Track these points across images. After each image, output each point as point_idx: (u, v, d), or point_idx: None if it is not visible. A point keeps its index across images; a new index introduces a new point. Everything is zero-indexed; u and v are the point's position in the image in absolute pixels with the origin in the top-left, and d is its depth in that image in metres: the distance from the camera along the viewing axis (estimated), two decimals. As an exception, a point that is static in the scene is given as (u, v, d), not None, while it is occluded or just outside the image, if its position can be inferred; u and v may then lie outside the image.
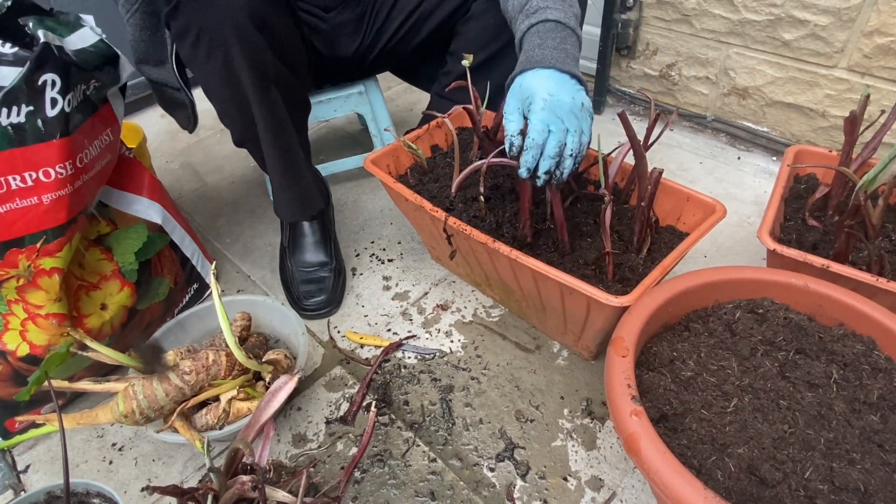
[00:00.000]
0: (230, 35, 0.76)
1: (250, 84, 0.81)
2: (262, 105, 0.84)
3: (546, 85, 0.72)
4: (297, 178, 0.95)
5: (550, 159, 0.71)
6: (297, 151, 0.92)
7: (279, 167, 0.93)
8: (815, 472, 0.55)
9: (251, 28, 0.76)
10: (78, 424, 0.72)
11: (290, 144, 0.91)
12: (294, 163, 0.93)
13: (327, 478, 0.77)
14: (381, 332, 0.98)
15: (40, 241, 0.74)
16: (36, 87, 0.69)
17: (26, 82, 0.68)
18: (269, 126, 0.87)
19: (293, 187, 0.96)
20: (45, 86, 0.70)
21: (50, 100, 0.71)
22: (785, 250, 0.75)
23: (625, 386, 0.58)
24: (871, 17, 1.06)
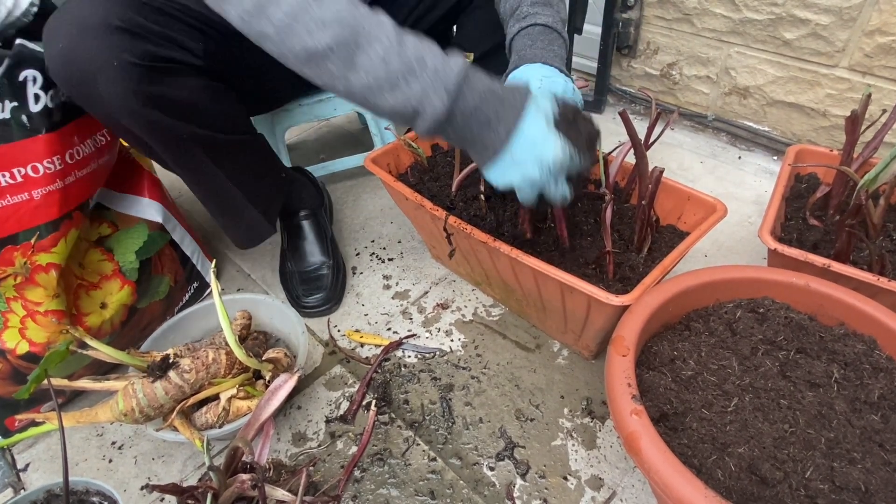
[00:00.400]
0: (126, 121, 0.72)
1: (163, 152, 0.79)
2: (183, 167, 0.82)
3: (539, 72, 0.74)
4: (236, 217, 0.93)
5: None
6: (231, 194, 0.88)
7: (214, 210, 0.92)
8: (815, 472, 0.55)
9: (142, 109, 0.71)
10: (77, 423, 0.72)
11: (221, 190, 0.88)
12: (228, 205, 0.90)
13: (327, 476, 0.77)
14: (382, 330, 0.98)
15: (34, 237, 0.74)
16: (17, 83, 0.70)
17: (7, 78, 0.69)
18: (194, 182, 0.86)
19: (233, 225, 0.95)
20: (27, 82, 0.71)
21: (33, 95, 0.71)
22: (786, 250, 0.75)
23: (625, 385, 0.58)
24: (872, 17, 1.05)
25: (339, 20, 0.59)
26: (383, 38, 0.60)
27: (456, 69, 0.61)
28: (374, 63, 0.60)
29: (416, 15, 1.02)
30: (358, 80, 0.61)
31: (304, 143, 1.57)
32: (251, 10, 0.60)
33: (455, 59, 0.62)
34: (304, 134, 1.61)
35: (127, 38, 0.68)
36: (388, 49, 0.60)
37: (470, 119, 0.63)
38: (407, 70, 0.60)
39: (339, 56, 0.60)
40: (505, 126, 0.63)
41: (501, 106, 0.63)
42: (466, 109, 0.62)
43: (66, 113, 0.76)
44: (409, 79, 0.60)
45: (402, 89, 0.60)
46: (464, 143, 0.66)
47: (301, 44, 0.60)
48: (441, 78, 0.60)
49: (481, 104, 0.62)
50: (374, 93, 0.61)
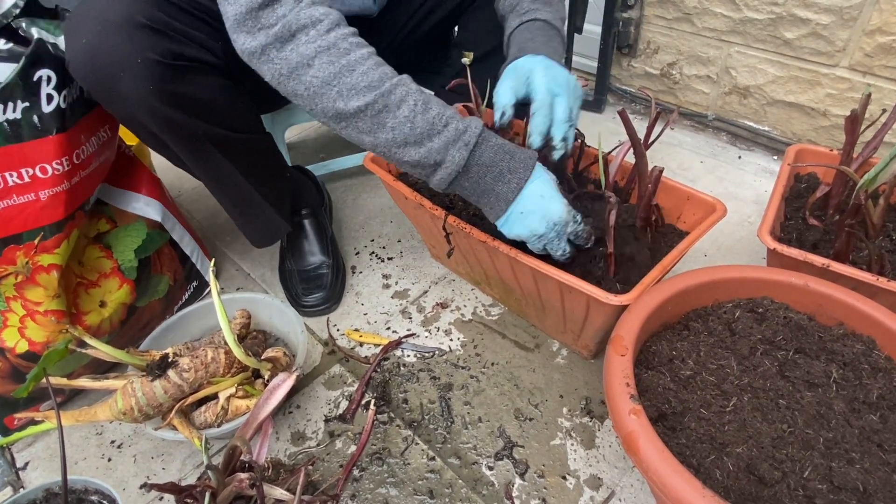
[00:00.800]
0: (145, 119, 0.72)
1: (181, 150, 0.80)
2: (198, 164, 0.83)
3: (542, 62, 0.77)
4: (252, 214, 0.94)
5: (564, 124, 0.75)
6: (247, 190, 0.90)
7: (232, 209, 0.93)
8: (814, 472, 0.55)
9: (163, 107, 0.71)
10: (77, 422, 0.72)
11: (237, 188, 0.89)
12: (246, 202, 0.92)
13: (326, 476, 0.77)
14: (381, 330, 0.98)
15: (38, 238, 0.74)
16: (31, 83, 0.69)
17: (22, 78, 0.68)
18: (210, 178, 0.87)
19: (250, 223, 0.96)
20: (41, 81, 0.70)
21: (46, 95, 0.71)
22: (785, 249, 0.75)
23: (624, 385, 0.58)
24: (872, 16, 1.05)
25: (370, 87, 0.65)
26: (410, 101, 0.66)
27: (475, 128, 0.68)
28: (401, 123, 0.66)
29: (420, 15, 1.02)
30: (385, 136, 0.67)
31: (304, 142, 1.57)
32: (286, 73, 0.65)
33: (474, 120, 0.69)
34: (304, 133, 1.61)
35: (151, 36, 0.68)
36: (414, 111, 0.66)
37: (485, 172, 0.69)
38: (431, 128, 0.67)
39: (368, 117, 0.66)
40: (516, 179, 0.70)
41: (513, 161, 0.70)
42: (482, 163, 0.69)
43: (76, 112, 0.76)
44: (433, 136, 0.67)
45: (426, 144, 0.67)
46: (478, 194, 0.71)
47: (332, 106, 0.66)
48: (461, 135, 0.67)
49: (496, 158, 0.69)
50: (399, 147, 0.68)
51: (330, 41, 0.65)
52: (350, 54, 0.65)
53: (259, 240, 0.99)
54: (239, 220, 0.96)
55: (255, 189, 0.90)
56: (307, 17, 0.64)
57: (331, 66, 0.64)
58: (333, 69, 0.64)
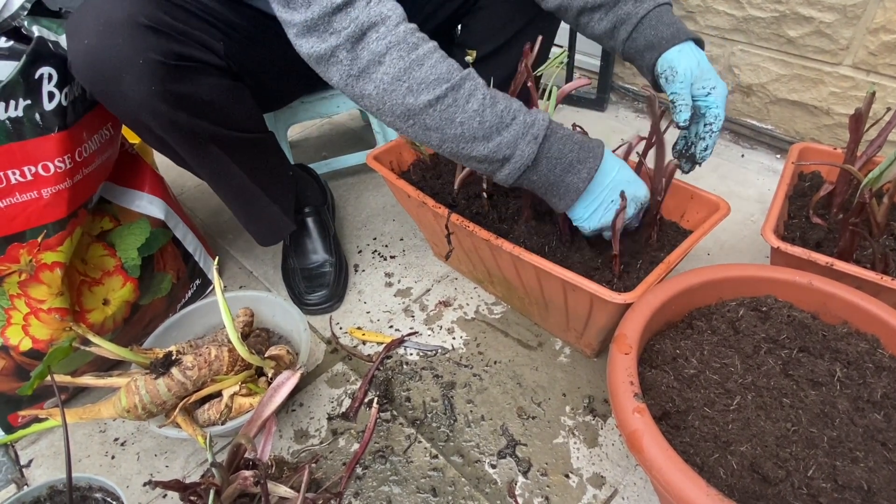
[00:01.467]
0: (148, 119, 0.72)
1: (183, 150, 0.80)
2: (201, 164, 0.83)
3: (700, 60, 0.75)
4: (257, 213, 0.94)
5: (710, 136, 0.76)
6: (251, 189, 0.90)
7: (236, 209, 0.93)
8: (818, 471, 0.55)
9: (165, 108, 0.71)
10: (80, 419, 0.72)
11: (241, 187, 0.89)
12: (250, 201, 0.92)
13: (329, 473, 0.77)
14: (384, 328, 0.98)
15: (41, 236, 0.74)
16: (33, 81, 0.69)
17: (23, 76, 0.68)
18: (214, 178, 0.87)
19: (255, 222, 0.96)
20: (42, 79, 0.70)
21: (47, 93, 0.71)
22: (789, 248, 0.75)
23: (627, 383, 0.58)
24: (876, 14, 1.05)
25: (439, 80, 0.64)
26: (478, 95, 0.66)
27: (542, 120, 0.68)
28: (470, 117, 0.65)
29: (423, 16, 1.02)
30: (453, 132, 0.66)
31: (306, 140, 1.57)
32: (356, 73, 0.65)
33: (541, 113, 0.68)
34: (306, 131, 1.61)
35: (153, 36, 0.68)
36: (483, 104, 0.66)
37: (555, 164, 0.69)
38: (500, 122, 0.66)
39: (437, 112, 0.65)
40: (587, 169, 0.70)
41: (582, 151, 0.70)
42: (551, 155, 0.68)
43: (77, 110, 0.76)
44: (502, 130, 0.66)
45: (495, 139, 0.66)
46: (546, 187, 0.71)
47: (402, 102, 0.65)
48: (529, 128, 0.67)
49: (564, 150, 0.69)
50: (467, 143, 0.67)
51: (399, 36, 0.64)
52: (419, 48, 0.64)
53: (264, 238, 0.99)
54: (243, 219, 0.96)
55: (259, 188, 0.91)
56: (377, 13, 0.63)
57: (401, 62, 0.63)
58: (403, 64, 0.63)
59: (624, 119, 1.48)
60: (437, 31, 1.06)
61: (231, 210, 0.94)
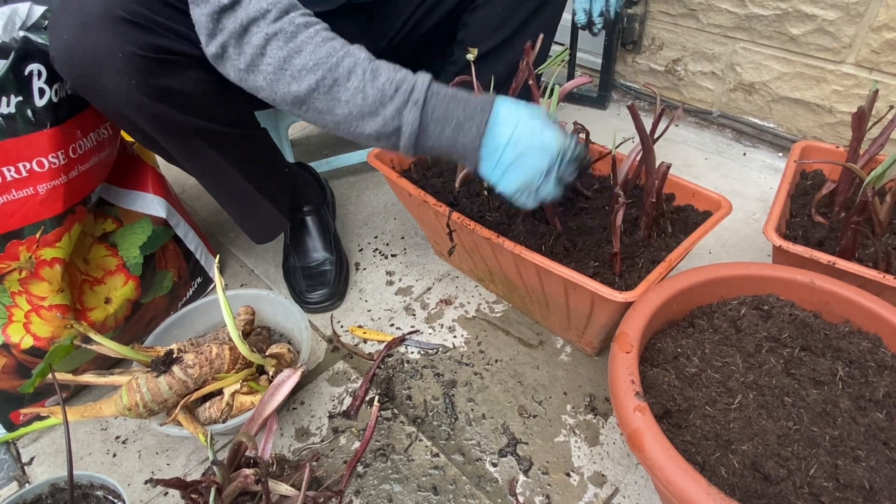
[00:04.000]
0: (131, 113, 0.72)
1: (169, 145, 0.79)
2: (189, 159, 0.83)
3: None
4: (249, 210, 0.94)
5: None
6: (242, 185, 0.89)
7: (227, 205, 0.93)
8: (819, 470, 0.55)
9: (147, 101, 0.71)
10: (82, 417, 0.72)
11: (231, 183, 0.88)
12: (242, 197, 0.91)
13: (330, 472, 0.77)
14: (385, 326, 0.98)
15: (39, 232, 0.74)
16: (23, 78, 0.70)
17: (13, 72, 0.69)
18: (203, 174, 0.86)
19: (248, 219, 0.95)
20: (32, 76, 0.71)
21: (38, 90, 0.71)
22: (791, 247, 0.75)
23: (629, 382, 0.58)
24: (879, 12, 1.05)
25: (318, 64, 0.65)
26: (358, 72, 0.66)
27: (421, 83, 0.66)
28: (353, 95, 0.65)
29: (421, 12, 1.01)
30: (342, 112, 0.66)
31: (307, 138, 1.57)
32: (244, 67, 0.67)
33: (421, 76, 0.67)
34: (307, 129, 1.61)
35: (131, 30, 0.68)
36: (363, 80, 0.65)
37: (443, 126, 0.67)
38: (382, 95, 0.66)
39: (322, 95, 0.66)
40: (475, 125, 0.67)
41: (468, 107, 0.67)
42: (437, 118, 0.67)
43: (69, 107, 0.76)
44: (386, 102, 0.66)
45: (381, 112, 0.66)
46: (447, 151, 0.69)
47: (289, 91, 0.66)
48: (409, 94, 0.66)
49: (449, 109, 0.67)
50: (357, 121, 0.67)
51: (277, 27, 0.65)
52: (298, 36, 0.65)
53: (258, 236, 0.99)
54: (235, 216, 0.95)
55: (251, 184, 0.90)
56: (257, 9, 0.65)
57: (280, 52, 0.65)
58: (283, 53, 0.65)
59: (626, 117, 1.47)
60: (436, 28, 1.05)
61: (222, 206, 0.94)
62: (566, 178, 0.70)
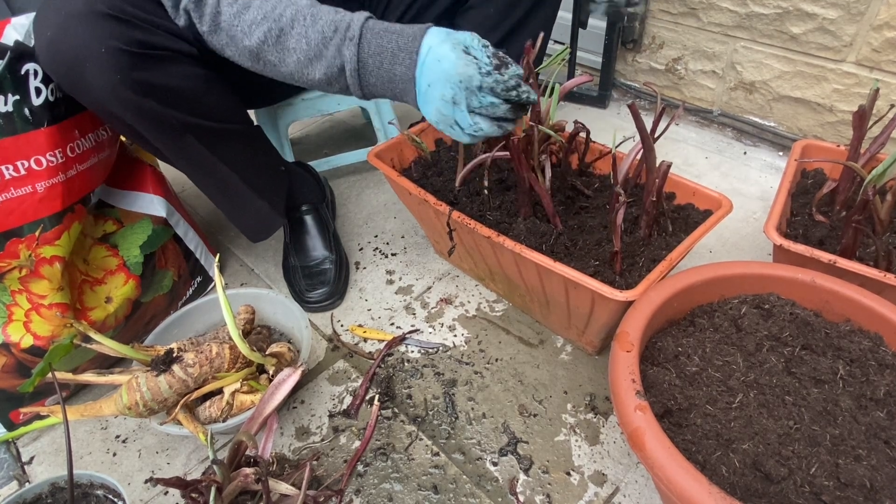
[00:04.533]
0: (116, 109, 0.72)
1: (158, 141, 0.79)
2: (178, 155, 0.82)
3: None
4: (241, 207, 0.93)
5: None
6: (233, 182, 0.89)
7: (219, 202, 0.93)
8: (820, 469, 0.55)
9: (132, 96, 0.71)
10: (82, 416, 0.72)
11: (222, 179, 0.88)
12: (233, 194, 0.91)
13: (330, 471, 0.77)
14: (385, 326, 0.98)
15: (38, 230, 0.75)
16: (19, 76, 0.70)
17: (9, 71, 0.69)
18: (193, 170, 0.86)
19: (240, 216, 0.95)
20: (28, 75, 0.71)
21: (34, 88, 0.72)
22: (791, 245, 0.75)
23: (629, 381, 0.58)
24: (880, 11, 1.04)
25: (265, 16, 0.67)
26: (300, 18, 0.67)
27: (356, 20, 0.67)
28: (298, 42, 0.68)
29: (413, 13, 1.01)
30: (292, 60, 0.68)
31: (307, 137, 1.57)
32: (207, 29, 0.70)
33: (357, 14, 0.68)
34: (307, 129, 1.61)
35: (114, 25, 0.68)
36: (305, 25, 0.67)
37: (380, 59, 0.67)
38: (323, 37, 0.67)
39: (271, 46, 0.68)
40: (408, 54, 0.66)
41: (401, 38, 0.67)
42: (373, 51, 0.67)
43: (66, 106, 0.76)
44: (327, 44, 0.67)
45: (324, 54, 0.67)
46: (390, 88, 0.69)
47: (244, 46, 0.69)
48: (346, 31, 0.67)
49: (383, 42, 0.67)
50: (306, 67, 0.69)
51: None
52: None
53: (252, 233, 0.98)
54: (229, 214, 0.95)
55: (243, 181, 0.89)
56: None
57: (230, 8, 0.68)
58: (233, 10, 0.68)
59: (626, 116, 1.47)
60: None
61: (215, 204, 0.93)
62: (485, 110, 0.64)
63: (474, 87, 0.63)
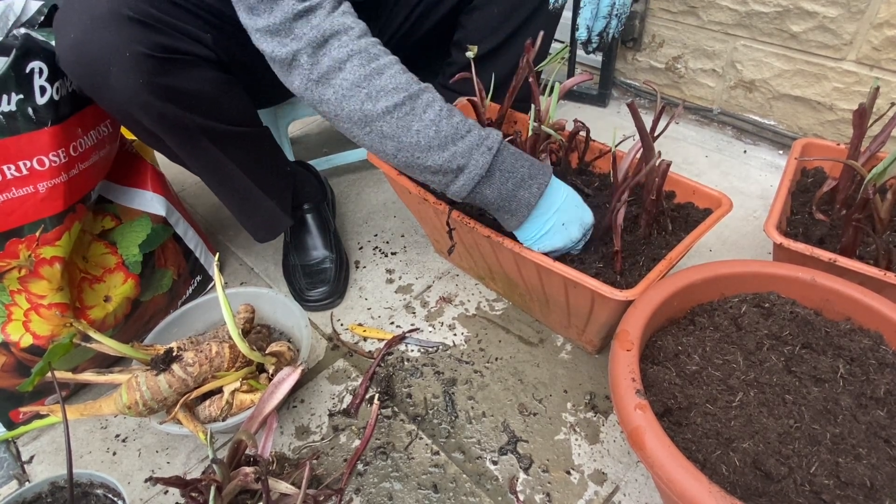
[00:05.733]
0: (137, 113, 0.72)
1: (175, 144, 0.80)
2: (194, 159, 0.83)
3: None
4: (251, 208, 0.94)
5: (603, 19, 0.79)
6: (245, 184, 0.90)
7: (230, 204, 0.93)
8: (820, 467, 0.55)
9: (154, 101, 0.71)
10: (81, 415, 0.72)
11: (235, 182, 0.89)
12: (245, 196, 0.91)
13: (330, 470, 0.77)
14: (385, 325, 0.98)
15: (39, 230, 0.74)
16: (24, 75, 0.70)
17: (14, 70, 0.68)
18: (207, 173, 0.87)
19: (250, 217, 0.96)
20: (33, 74, 0.70)
21: (39, 87, 0.71)
22: (792, 244, 0.74)
23: (629, 380, 0.58)
24: (880, 9, 1.04)
25: (398, 89, 0.68)
26: (435, 106, 0.69)
27: (496, 134, 0.71)
28: (426, 126, 0.68)
29: (418, 13, 1.01)
30: (409, 140, 0.68)
31: (307, 136, 1.57)
32: (316, 78, 0.68)
33: (493, 130, 0.71)
34: (307, 127, 1.61)
35: (139, 29, 0.68)
36: (440, 115, 0.69)
37: (508, 177, 0.71)
38: (455, 133, 0.69)
39: (395, 119, 0.68)
40: (537, 184, 0.72)
41: (533, 167, 0.72)
42: (504, 168, 0.71)
43: (70, 105, 0.76)
44: (457, 140, 0.69)
45: (450, 148, 0.69)
46: (500, 201, 0.72)
47: (360, 108, 0.67)
48: (484, 140, 0.70)
49: (516, 164, 0.72)
50: (423, 152, 0.69)
51: (361, 46, 0.67)
52: (380, 59, 0.68)
53: (260, 234, 0.99)
54: (238, 215, 0.95)
55: (254, 182, 0.90)
56: (340, 24, 0.66)
57: (361, 69, 0.67)
58: (364, 72, 0.67)
59: (626, 115, 1.47)
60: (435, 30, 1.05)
61: (225, 205, 0.94)
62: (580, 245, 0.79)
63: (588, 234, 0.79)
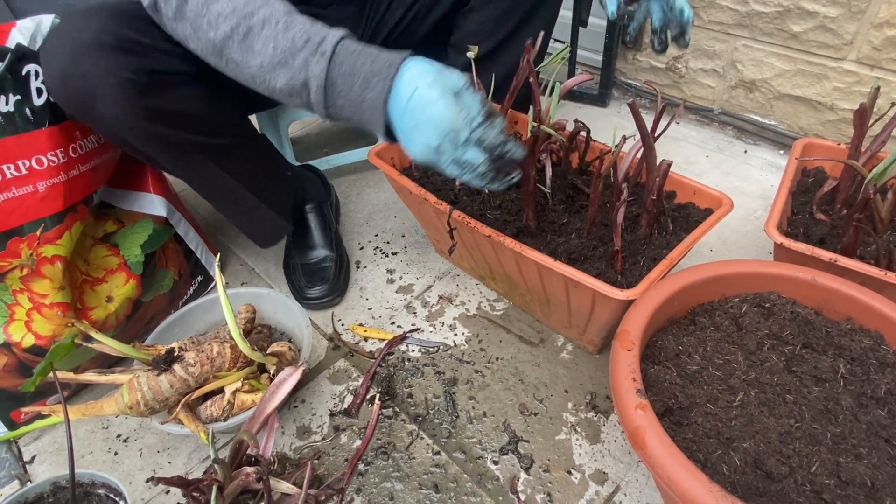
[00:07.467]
0: (128, 136, 0.74)
1: (169, 163, 0.81)
2: (188, 174, 0.84)
3: None
4: (249, 217, 0.95)
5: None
6: (241, 194, 0.90)
7: (229, 215, 0.94)
8: (821, 467, 0.55)
9: (143, 123, 0.72)
10: (83, 416, 0.72)
11: (231, 193, 0.89)
12: (242, 206, 0.92)
13: (331, 470, 0.77)
14: (385, 325, 0.98)
15: (39, 229, 0.75)
16: (20, 77, 0.72)
17: (10, 72, 0.70)
18: (203, 187, 0.88)
19: (249, 226, 0.97)
20: (30, 76, 0.72)
21: (35, 89, 0.73)
22: (792, 244, 0.75)
23: (630, 379, 0.58)
24: (881, 9, 1.04)
25: (234, 11, 0.64)
26: (272, 21, 0.63)
27: (332, 36, 0.63)
28: (264, 45, 0.64)
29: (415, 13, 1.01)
30: (255, 62, 0.64)
31: (307, 136, 1.57)
32: (172, 16, 0.67)
33: (334, 30, 0.64)
34: (307, 128, 1.61)
35: (121, 56, 0.69)
36: (276, 30, 0.63)
37: (351, 80, 0.63)
38: (292, 46, 0.63)
39: (236, 43, 0.64)
40: (381, 79, 0.62)
41: (376, 63, 0.63)
42: (345, 71, 0.63)
43: None
44: (295, 53, 0.63)
45: (290, 64, 0.63)
46: (357, 111, 0.64)
47: (207, 38, 0.65)
48: (319, 45, 0.63)
49: (357, 63, 0.63)
50: (269, 73, 0.65)
51: None
52: None
53: (262, 241, 1.00)
54: (237, 224, 0.97)
55: (252, 192, 0.91)
56: None
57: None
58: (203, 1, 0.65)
59: (626, 115, 1.47)
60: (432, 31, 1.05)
61: (226, 217, 0.95)
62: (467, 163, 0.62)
63: (461, 140, 0.61)
